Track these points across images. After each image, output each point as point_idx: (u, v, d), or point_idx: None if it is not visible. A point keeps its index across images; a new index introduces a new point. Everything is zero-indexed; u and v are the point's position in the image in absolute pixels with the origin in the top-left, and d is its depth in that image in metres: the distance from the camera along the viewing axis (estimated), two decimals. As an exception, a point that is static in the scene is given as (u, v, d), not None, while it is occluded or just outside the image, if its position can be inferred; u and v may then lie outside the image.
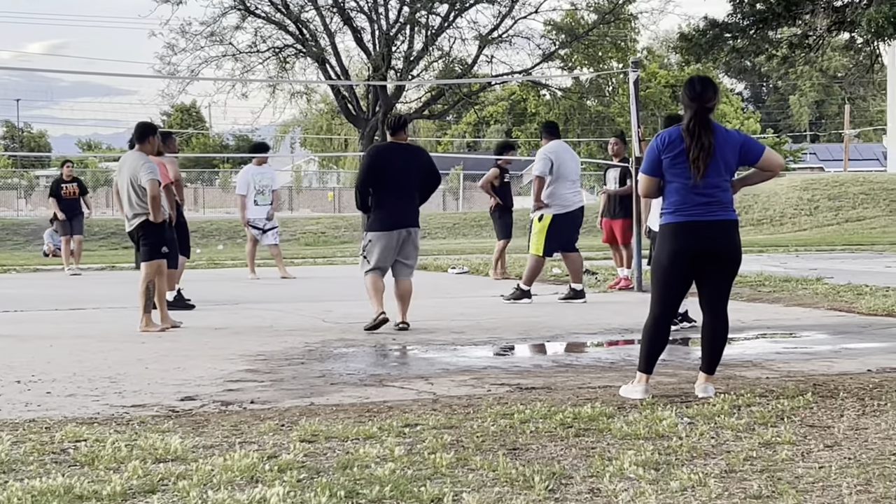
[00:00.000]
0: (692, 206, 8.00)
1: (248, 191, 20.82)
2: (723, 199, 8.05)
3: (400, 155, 12.49)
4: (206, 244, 39.79)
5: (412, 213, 12.51)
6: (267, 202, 20.89)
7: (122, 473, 5.65)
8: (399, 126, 12.72)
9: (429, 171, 12.70)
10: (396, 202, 12.36)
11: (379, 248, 12.33)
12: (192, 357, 10.35)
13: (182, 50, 39.01)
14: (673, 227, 8.08)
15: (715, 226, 8.01)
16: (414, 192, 12.54)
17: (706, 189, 7.98)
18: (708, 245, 8.01)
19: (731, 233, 8.09)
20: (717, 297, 8.16)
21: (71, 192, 24.20)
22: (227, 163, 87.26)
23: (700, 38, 24.11)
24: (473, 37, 40.80)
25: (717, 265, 8.06)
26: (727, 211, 8.08)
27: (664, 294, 8.14)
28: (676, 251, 8.04)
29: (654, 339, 8.15)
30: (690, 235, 8.01)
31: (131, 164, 12.67)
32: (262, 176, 20.97)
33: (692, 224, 8.00)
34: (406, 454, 6.06)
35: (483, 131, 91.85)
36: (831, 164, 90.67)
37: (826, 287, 16.52)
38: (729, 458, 5.92)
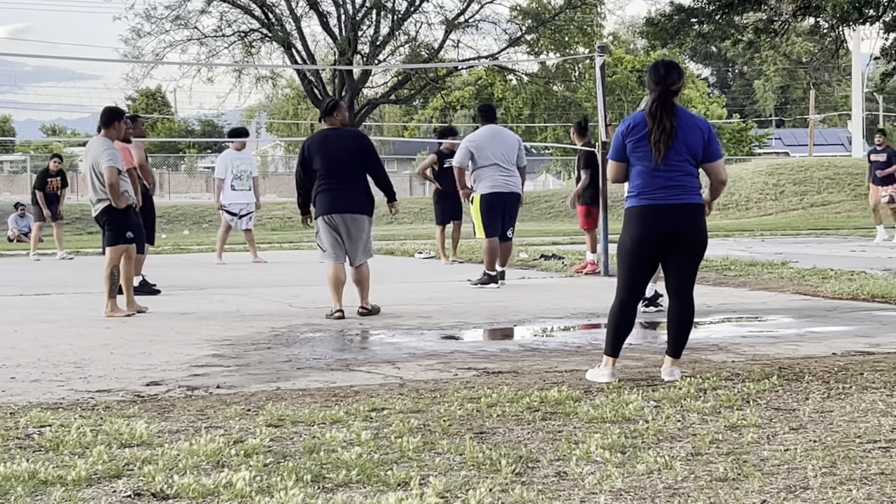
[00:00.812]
0: (655, 190, 8.02)
1: (226, 175, 20.79)
2: (687, 183, 8.06)
3: (331, 140, 12.26)
4: (172, 229, 39.66)
5: (350, 199, 12.17)
6: (244, 187, 20.87)
7: (87, 458, 5.62)
8: (327, 111, 12.46)
9: (362, 153, 12.29)
10: (331, 188, 12.14)
11: (322, 234, 12.29)
12: (157, 342, 10.31)
13: (147, 34, 38.87)
14: (637, 210, 8.11)
15: (679, 209, 8.03)
16: (352, 177, 12.18)
17: (670, 172, 8.00)
18: (672, 228, 8.03)
19: (695, 216, 8.10)
20: (682, 280, 8.17)
21: (55, 186, 24.29)
22: (193, 148, 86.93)
23: (666, 23, 24.15)
24: (440, 21, 40.79)
25: (682, 248, 8.07)
26: (691, 194, 8.09)
27: (629, 278, 8.15)
28: (641, 235, 8.06)
29: (620, 322, 8.15)
30: (654, 219, 8.03)
31: (94, 149, 12.62)
32: (242, 161, 20.96)
33: (655, 207, 8.03)
34: (373, 438, 6.05)
35: (450, 116, 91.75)
36: (796, 149, 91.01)
37: (791, 271, 16.59)
38: (695, 441, 5.93)
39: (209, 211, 44.05)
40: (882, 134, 25.55)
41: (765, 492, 4.99)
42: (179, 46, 39.62)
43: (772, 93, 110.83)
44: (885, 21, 23.07)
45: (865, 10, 21.24)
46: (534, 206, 45.09)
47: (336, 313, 12.03)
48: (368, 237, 12.42)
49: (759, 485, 5.08)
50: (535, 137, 78.90)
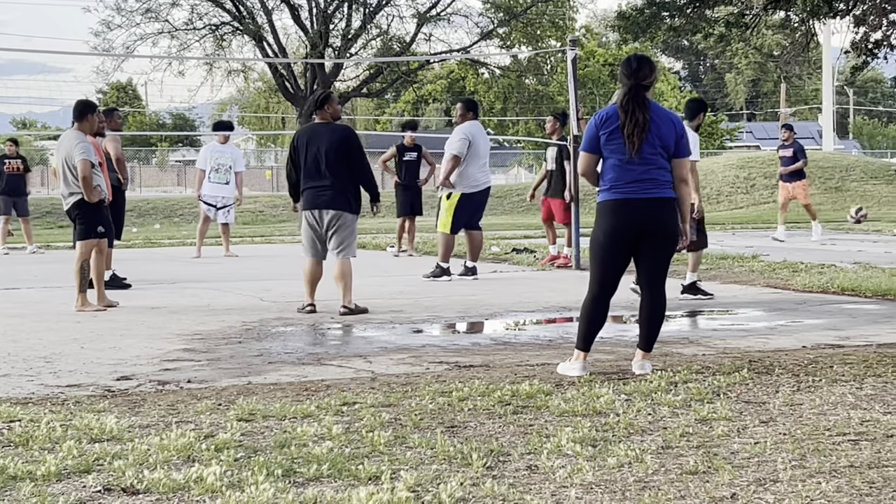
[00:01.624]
0: (628, 183, 8.05)
1: (205, 166, 20.79)
2: (659, 177, 8.09)
3: (317, 134, 12.10)
4: (143, 223, 39.53)
5: (332, 194, 11.98)
6: (221, 181, 20.83)
7: (57, 453, 5.60)
8: (318, 104, 12.34)
9: (345, 148, 12.03)
10: (317, 183, 12.00)
11: (303, 228, 12.22)
12: (128, 336, 10.28)
13: (117, 27, 38.66)
14: (609, 204, 8.15)
15: (650, 203, 8.05)
16: (339, 173, 11.98)
17: (643, 166, 8.03)
18: (643, 222, 8.06)
19: (666, 210, 8.12)
20: (654, 274, 8.20)
21: (15, 167, 23.79)
22: (164, 141, 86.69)
23: (638, 17, 24.15)
24: (412, 14, 40.72)
25: (653, 242, 8.10)
26: (663, 188, 8.11)
27: (602, 272, 8.17)
28: (613, 229, 8.09)
29: (592, 317, 8.18)
30: (626, 213, 8.07)
31: (67, 142, 12.58)
32: (222, 154, 20.91)
33: (628, 201, 8.05)
34: (344, 432, 6.05)
35: (422, 110, 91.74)
36: (767, 143, 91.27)
37: (762, 264, 16.64)
38: (665, 435, 5.95)
39: (180, 205, 43.91)
40: (788, 129, 25.33)
41: (735, 485, 5.01)
42: (150, 39, 39.46)
43: (743, 86, 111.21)
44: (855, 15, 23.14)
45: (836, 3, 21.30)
46: (505, 199, 45.11)
47: (307, 307, 11.99)
48: (351, 235, 12.14)
49: (730, 478, 5.09)
50: (507, 131, 78.92)
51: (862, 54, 22.78)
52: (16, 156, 23.98)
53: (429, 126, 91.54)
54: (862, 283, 13.55)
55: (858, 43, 22.74)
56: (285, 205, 43.75)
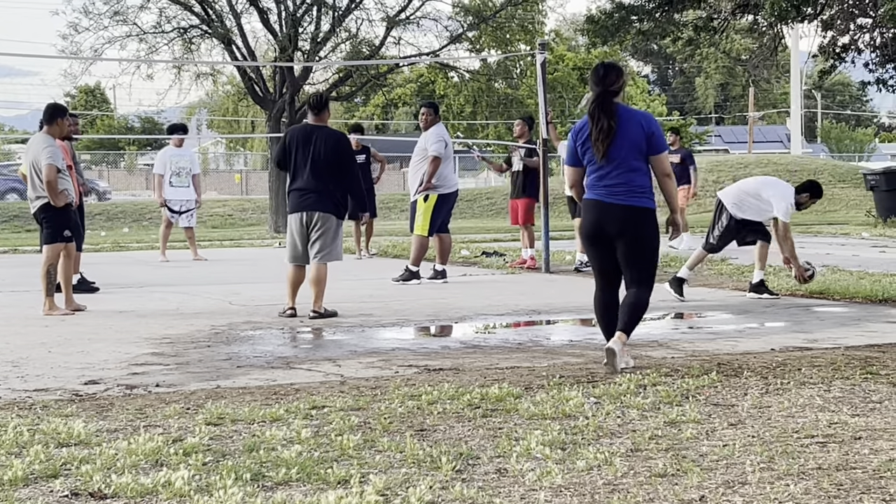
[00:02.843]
0: (601, 186, 8.36)
1: (164, 171, 20.72)
2: (630, 181, 8.27)
3: (311, 137, 12.06)
4: (112, 227, 39.37)
5: (318, 197, 11.97)
6: (183, 184, 20.79)
7: (24, 458, 5.57)
8: (316, 105, 12.27)
9: (337, 155, 12.07)
10: (302, 185, 12.01)
11: (288, 230, 12.21)
12: (96, 341, 10.23)
13: (85, 29, 38.46)
14: (585, 203, 8.53)
15: (617, 209, 8.33)
16: (323, 176, 11.97)
17: (614, 170, 8.27)
18: (609, 226, 8.38)
19: (632, 216, 8.33)
20: (633, 276, 8.46)
21: None
22: (133, 145, 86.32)
23: (607, 21, 24.26)
24: (381, 18, 40.65)
25: (623, 246, 8.35)
26: (633, 196, 8.30)
27: (594, 266, 8.60)
28: (587, 226, 8.50)
29: (602, 310, 8.54)
30: (595, 213, 8.41)
31: (35, 146, 12.54)
32: (180, 158, 20.87)
33: (597, 203, 8.40)
34: (313, 436, 6.04)
35: (392, 113, 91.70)
36: (736, 146, 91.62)
37: (730, 267, 16.70)
38: (635, 437, 5.96)
39: (149, 208, 43.75)
40: (675, 133, 24.62)
41: (703, 487, 5.02)
42: (118, 42, 39.24)
43: (712, 90, 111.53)
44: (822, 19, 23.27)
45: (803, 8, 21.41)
46: (475, 203, 45.14)
47: (288, 311, 11.94)
48: (335, 239, 12.11)
49: (698, 480, 5.10)
50: (477, 134, 78.97)
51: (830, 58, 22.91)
52: None
53: (398, 130, 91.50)
54: (830, 286, 13.61)
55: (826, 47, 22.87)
56: (254, 208, 43.71)
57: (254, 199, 49.73)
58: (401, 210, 42.45)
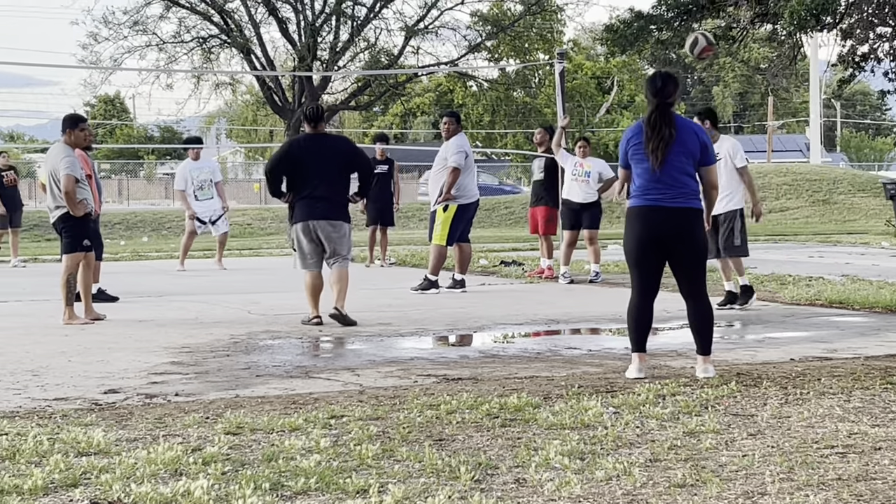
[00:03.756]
0: (654, 192, 8.40)
1: (186, 186, 20.82)
2: (684, 184, 8.45)
3: (318, 146, 12.18)
4: (131, 236, 39.46)
5: (333, 206, 12.12)
6: (207, 196, 20.88)
7: (44, 467, 5.59)
8: (315, 116, 12.41)
9: (353, 159, 12.34)
10: (314, 194, 12.07)
11: (301, 240, 12.20)
12: (115, 350, 10.25)
13: (105, 39, 38.59)
14: (635, 210, 8.50)
15: (674, 212, 8.39)
16: (336, 184, 12.17)
17: (668, 174, 8.36)
18: (667, 231, 8.40)
19: (690, 219, 8.43)
20: (691, 284, 8.56)
21: (11, 179, 23.74)
22: (152, 154, 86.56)
23: (625, 30, 24.19)
24: (399, 28, 40.71)
25: (681, 252, 8.46)
26: (689, 199, 8.44)
27: (637, 276, 8.53)
28: (639, 234, 8.44)
29: (638, 320, 8.52)
30: (650, 219, 8.41)
31: (54, 156, 12.59)
32: (200, 171, 20.94)
33: (652, 208, 8.41)
34: (332, 446, 6.04)
35: (410, 122, 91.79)
36: (755, 156, 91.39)
37: (750, 277, 16.64)
38: (653, 447, 5.95)
39: (168, 217, 43.83)
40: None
41: (723, 497, 5.01)
42: (138, 52, 39.39)
43: (730, 99, 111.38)
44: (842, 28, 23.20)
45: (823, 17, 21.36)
46: (494, 212, 45.12)
47: (314, 319, 11.97)
48: (348, 243, 12.34)
49: (718, 490, 5.09)
50: (496, 144, 78.98)
51: (849, 67, 22.84)
52: (8, 167, 23.95)
53: (417, 139, 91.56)
54: (850, 296, 13.57)
55: (846, 56, 22.80)
56: (273, 217, 43.73)
57: (272, 208, 49.75)
58: (420, 219, 42.46)
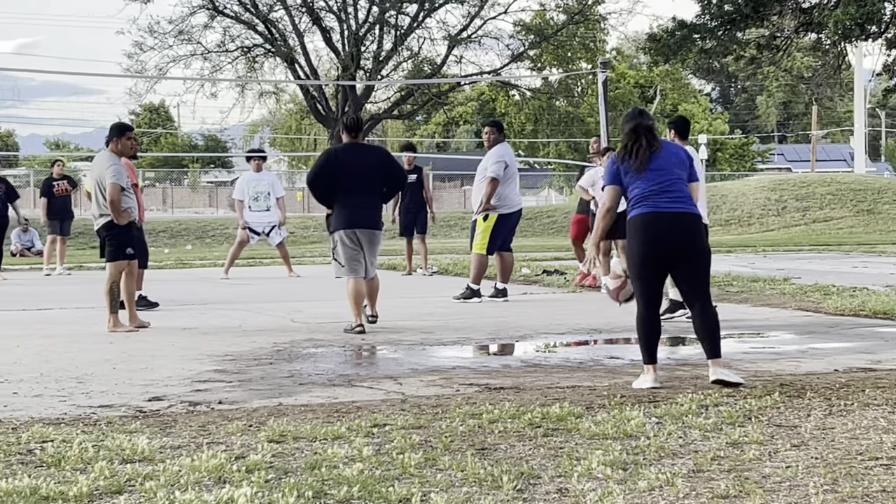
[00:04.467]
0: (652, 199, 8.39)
1: (244, 196, 21.01)
2: (680, 190, 8.47)
3: (358, 156, 12.36)
4: (175, 244, 39.67)
5: (371, 214, 12.34)
6: (262, 208, 21.05)
7: (89, 474, 5.62)
8: (355, 126, 12.62)
9: (389, 169, 12.54)
10: (355, 203, 12.22)
11: (345, 247, 12.29)
12: (159, 357, 10.31)
13: (150, 48, 38.89)
14: (638, 219, 8.44)
15: (676, 218, 8.39)
16: (374, 193, 12.39)
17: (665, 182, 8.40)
18: (671, 235, 8.37)
19: (691, 224, 8.43)
20: (695, 289, 8.49)
21: (62, 189, 23.95)
22: (196, 163, 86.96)
23: (668, 39, 24.17)
24: (443, 37, 40.84)
25: (685, 258, 8.40)
26: (688, 203, 8.46)
27: (643, 287, 8.46)
28: (644, 242, 8.38)
29: (648, 331, 8.49)
30: (654, 226, 8.37)
31: (100, 164, 12.67)
32: (258, 182, 21.13)
33: (655, 215, 8.37)
34: (374, 454, 6.05)
35: (453, 131, 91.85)
36: (799, 165, 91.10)
37: (793, 287, 16.58)
38: (696, 458, 5.93)
39: (212, 225, 44.04)
40: None
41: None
42: (183, 61, 39.69)
43: (774, 108, 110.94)
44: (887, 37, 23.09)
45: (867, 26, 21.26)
46: (536, 221, 45.11)
47: (357, 328, 12.05)
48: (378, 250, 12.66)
49: (761, 502, 5.07)
50: (538, 153, 78.92)
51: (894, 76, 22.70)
52: (61, 177, 24.18)
53: (459, 148, 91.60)
54: (895, 307, 13.47)
55: (891, 65, 22.67)
56: (316, 226, 43.87)
57: (315, 216, 49.89)
58: (462, 228, 42.48)
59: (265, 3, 39.27)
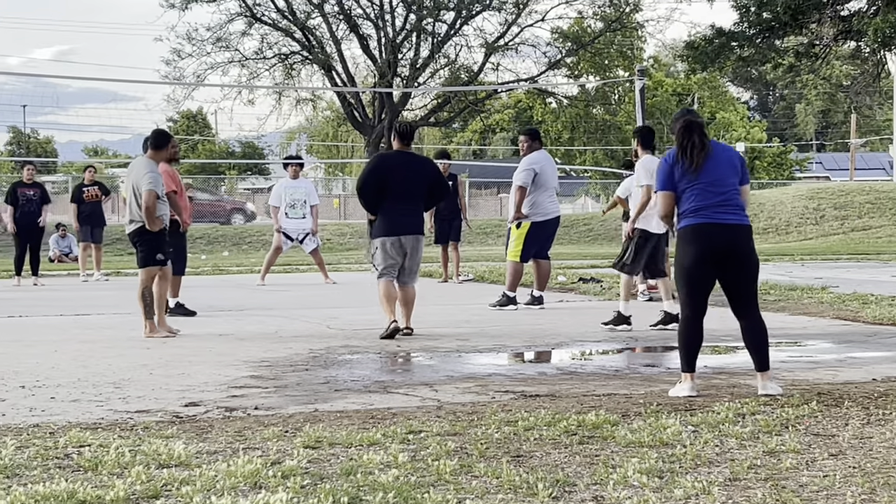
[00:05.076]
0: (707, 208, 8.35)
1: (280, 203, 21.11)
2: (735, 201, 8.42)
3: (406, 163, 12.57)
4: (212, 251, 39.81)
5: (416, 221, 12.58)
6: (298, 215, 21.14)
7: (126, 479, 5.64)
8: (408, 134, 12.82)
9: (435, 181, 12.74)
10: (400, 209, 12.44)
11: (384, 253, 12.41)
12: (196, 363, 10.35)
13: (188, 55, 39.03)
14: (690, 229, 8.42)
15: (729, 229, 8.35)
16: (418, 201, 12.63)
17: (719, 193, 8.34)
18: (722, 248, 8.34)
19: (743, 235, 8.40)
20: (744, 300, 8.48)
21: (92, 194, 24.03)
22: (233, 169, 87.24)
23: (706, 47, 24.10)
24: (479, 44, 40.81)
25: (735, 268, 8.38)
26: (740, 214, 8.42)
27: (689, 297, 8.44)
28: (695, 253, 8.36)
29: (690, 340, 8.48)
30: (706, 238, 8.34)
31: (137, 170, 12.73)
32: (295, 189, 21.23)
33: (707, 226, 8.34)
34: (410, 461, 6.05)
35: (489, 139, 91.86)
36: (837, 174, 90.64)
37: (831, 296, 16.49)
38: (733, 467, 5.90)
39: (249, 232, 44.18)
40: None
41: (803, 518, 4.96)
42: (220, 68, 39.79)
43: (812, 116, 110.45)
44: (927, 45, 22.95)
45: (907, 34, 21.15)
46: (572, 228, 45.05)
47: (392, 325, 12.20)
48: (420, 258, 12.79)
49: (798, 511, 5.05)
50: (575, 161, 78.85)
51: (934, 85, 22.54)
52: (92, 183, 24.26)
53: (496, 155, 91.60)
54: (933, 316, 13.38)
55: (930, 73, 22.52)
56: (353, 233, 43.93)
57: (352, 223, 50.03)
58: (498, 235, 42.48)
59: (303, 10, 39.36)
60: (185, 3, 37.98)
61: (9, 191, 23.44)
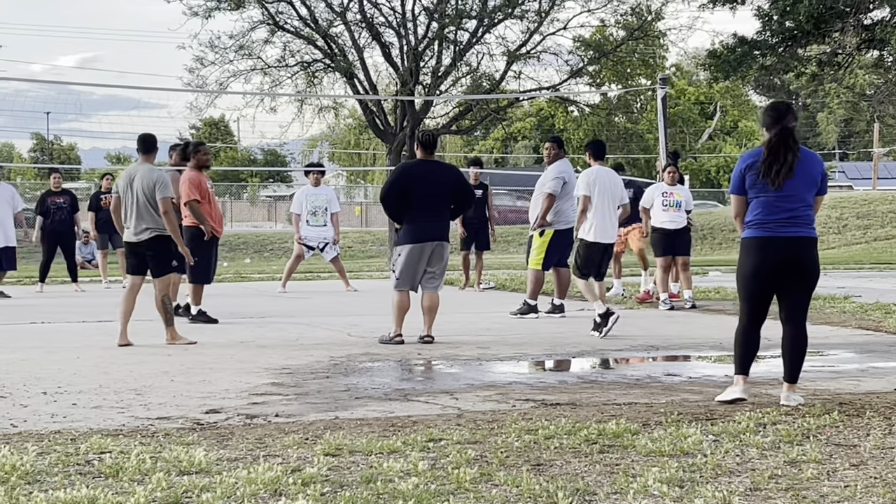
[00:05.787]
0: (772, 221, 8.36)
1: (301, 210, 21.13)
2: (803, 214, 8.40)
3: (430, 172, 12.66)
4: (234, 258, 39.87)
5: (441, 228, 12.67)
6: (319, 223, 21.16)
7: (146, 485, 5.66)
8: (431, 143, 12.88)
9: (460, 188, 12.83)
10: (426, 217, 12.52)
11: (406, 261, 12.49)
12: (217, 370, 10.37)
13: (211, 63, 39.09)
14: (753, 241, 8.45)
15: (793, 242, 8.36)
16: (443, 209, 12.70)
17: (789, 203, 8.35)
18: (785, 260, 8.37)
19: (807, 248, 8.42)
20: (796, 311, 8.57)
21: (110, 202, 24.05)
22: (255, 177, 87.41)
23: (729, 56, 24.09)
24: (501, 52, 40.75)
25: (795, 280, 8.42)
26: (806, 228, 8.42)
27: (749, 305, 8.53)
28: (756, 265, 8.42)
29: (747, 345, 8.56)
30: (769, 250, 8.37)
31: (146, 178, 12.69)
32: (317, 197, 21.25)
33: (771, 239, 8.37)
34: (430, 469, 6.05)
35: (511, 147, 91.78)
36: (860, 183, 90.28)
37: (854, 305, 16.44)
38: (754, 476, 5.89)
39: (270, 240, 44.24)
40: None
41: (824, 528, 4.94)
42: (243, 76, 39.82)
43: (835, 125, 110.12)
44: (950, 54, 22.90)
45: (931, 43, 21.10)
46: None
47: (396, 338, 12.29)
48: (446, 265, 12.89)
49: (819, 521, 5.03)
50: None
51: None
52: (110, 190, 24.28)
53: (517, 163, 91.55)
54: (956, 326, 13.33)
55: (953, 82, 22.46)
56: (374, 240, 43.95)
57: (373, 231, 50.07)
58: (519, 243, 42.45)
59: (325, 18, 39.38)
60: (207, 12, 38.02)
61: (38, 201, 23.49)
